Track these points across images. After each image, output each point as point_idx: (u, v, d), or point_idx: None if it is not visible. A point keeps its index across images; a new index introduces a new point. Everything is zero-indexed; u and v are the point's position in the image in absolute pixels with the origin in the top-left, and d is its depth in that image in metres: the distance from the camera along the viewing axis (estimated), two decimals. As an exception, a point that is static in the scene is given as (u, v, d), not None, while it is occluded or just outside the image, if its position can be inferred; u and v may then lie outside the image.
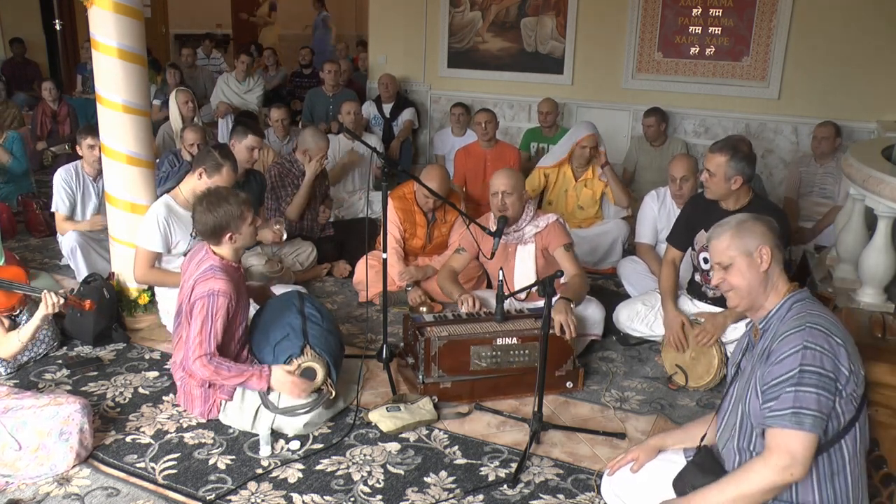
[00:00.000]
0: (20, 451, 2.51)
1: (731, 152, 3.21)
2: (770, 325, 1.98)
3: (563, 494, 2.58)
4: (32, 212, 5.29)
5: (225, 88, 7.39)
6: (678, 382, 3.33)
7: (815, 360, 1.80)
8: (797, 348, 1.82)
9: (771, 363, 1.86)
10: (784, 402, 1.80)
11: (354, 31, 12.57)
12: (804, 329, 1.84)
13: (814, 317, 1.88)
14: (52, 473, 2.55)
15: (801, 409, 1.78)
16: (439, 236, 4.36)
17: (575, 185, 4.95)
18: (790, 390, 1.80)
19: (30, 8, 10.28)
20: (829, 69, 5.73)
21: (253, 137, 4.26)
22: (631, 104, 6.46)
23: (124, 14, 3.46)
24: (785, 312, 1.95)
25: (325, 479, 2.63)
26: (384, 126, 6.90)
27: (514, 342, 3.16)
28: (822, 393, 1.78)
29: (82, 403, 2.64)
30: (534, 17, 6.74)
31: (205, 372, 2.77)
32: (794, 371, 1.80)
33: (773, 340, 1.90)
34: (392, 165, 3.27)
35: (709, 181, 3.28)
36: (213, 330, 2.76)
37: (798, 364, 1.80)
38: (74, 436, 2.57)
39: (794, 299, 1.97)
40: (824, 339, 1.82)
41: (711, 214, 3.35)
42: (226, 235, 2.88)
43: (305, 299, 3.17)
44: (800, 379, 1.79)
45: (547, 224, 3.59)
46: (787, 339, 1.85)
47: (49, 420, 2.55)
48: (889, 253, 3.29)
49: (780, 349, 1.85)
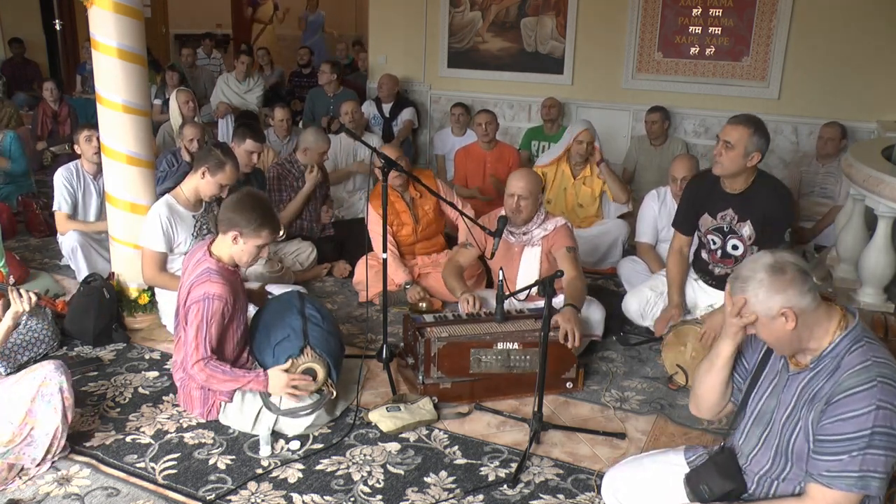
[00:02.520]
0: (12, 426, 2.52)
1: (755, 126, 3.06)
2: (823, 365, 1.81)
3: (563, 494, 2.58)
4: (32, 212, 5.29)
5: (225, 88, 7.39)
6: (679, 382, 3.32)
7: (888, 421, 1.69)
8: (870, 409, 1.69)
9: (835, 416, 1.73)
10: (849, 464, 1.70)
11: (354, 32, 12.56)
12: (876, 386, 1.70)
13: (881, 367, 1.73)
14: (46, 441, 2.55)
15: (868, 473, 1.70)
16: (424, 214, 4.36)
17: (573, 182, 4.95)
18: (857, 454, 1.70)
19: (30, 8, 10.28)
20: (829, 69, 5.73)
21: (252, 142, 4.26)
22: (631, 104, 6.46)
23: (124, 14, 3.46)
24: (842, 353, 1.78)
25: (325, 479, 2.63)
26: (384, 126, 6.90)
27: (515, 347, 3.15)
28: (889, 454, 1.70)
29: (56, 364, 2.62)
30: (534, 17, 6.74)
31: (200, 375, 2.77)
32: (866, 433, 1.69)
33: (835, 385, 1.76)
34: (392, 165, 3.26)
35: (724, 155, 3.08)
36: (207, 334, 2.75)
37: (870, 426, 1.69)
38: (56, 396, 2.55)
39: (853, 338, 1.79)
40: (893, 394, 1.71)
41: (715, 195, 3.28)
42: (232, 233, 2.83)
43: (306, 300, 3.17)
44: (870, 442, 1.69)
45: (555, 227, 3.59)
46: (857, 395, 1.71)
47: (28, 386, 2.55)
48: (889, 253, 3.30)
49: (850, 405, 1.72)
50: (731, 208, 3.25)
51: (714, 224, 3.32)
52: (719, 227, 3.30)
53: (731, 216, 3.26)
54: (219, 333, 2.79)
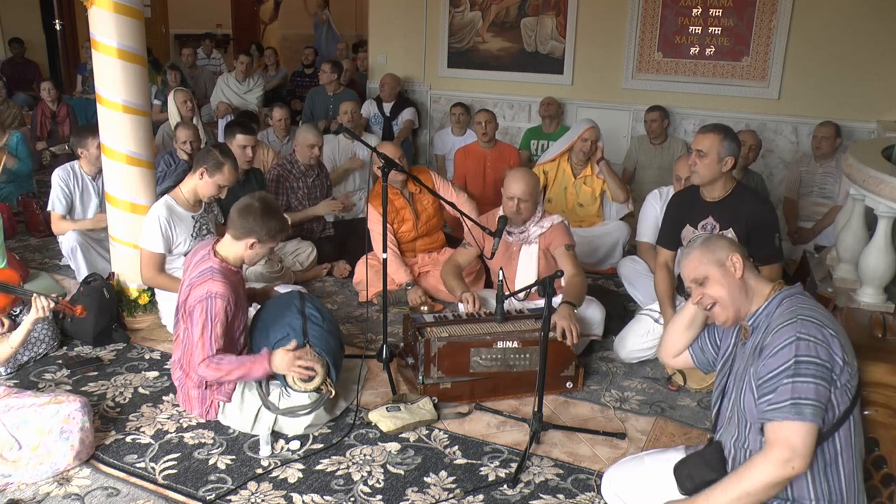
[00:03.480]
0: (21, 450, 2.51)
1: (724, 132, 3.19)
2: (759, 322, 1.98)
3: (563, 494, 2.58)
4: (32, 212, 5.29)
5: (225, 88, 7.39)
6: (678, 383, 3.32)
7: (811, 351, 1.80)
8: (791, 339, 1.82)
9: (765, 357, 1.86)
10: (782, 394, 1.79)
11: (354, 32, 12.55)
12: (796, 321, 1.84)
13: (805, 309, 1.88)
14: (52, 472, 2.55)
15: (799, 400, 1.77)
16: (424, 209, 4.36)
17: (574, 182, 4.95)
18: (787, 382, 1.79)
19: (30, 8, 10.27)
20: (829, 69, 5.73)
21: (242, 136, 4.27)
22: (631, 104, 6.46)
23: (124, 14, 3.46)
24: (774, 308, 1.96)
25: (325, 479, 2.63)
26: (384, 126, 6.90)
27: (515, 346, 3.15)
28: (819, 382, 1.78)
29: (82, 402, 2.64)
30: (534, 17, 6.74)
31: (210, 374, 2.77)
32: (790, 362, 1.80)
33: (766, 335, 1.90)
34: (392, 165, 3.26)
35: (699, 163, 3.22)
36: (213, 333, 2.75)
37: (793, 355, 1.80)
38: (75, 434, 2.57)
39: (783, 295, 1.98)
40: (817, 329, 1.82)
41: (695, 207, 3.36)
42: (249, 239, 2.87)
43: (307, 299, 3.17)
44: (796, 370, 1.79)
45: (551, 225, 3.59)
46: (779, 331, 1.85)
47: (50, 419, 2.55)
48: (889, 253, 3.29)
49: (774, 342, 1.85)
50: (712, 216, 3.30)
51: (695, 235, 3.34)
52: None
53: (711, 224, 3.31)
54: (224, 332, 2.80)
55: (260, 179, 4.48)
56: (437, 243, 4.48)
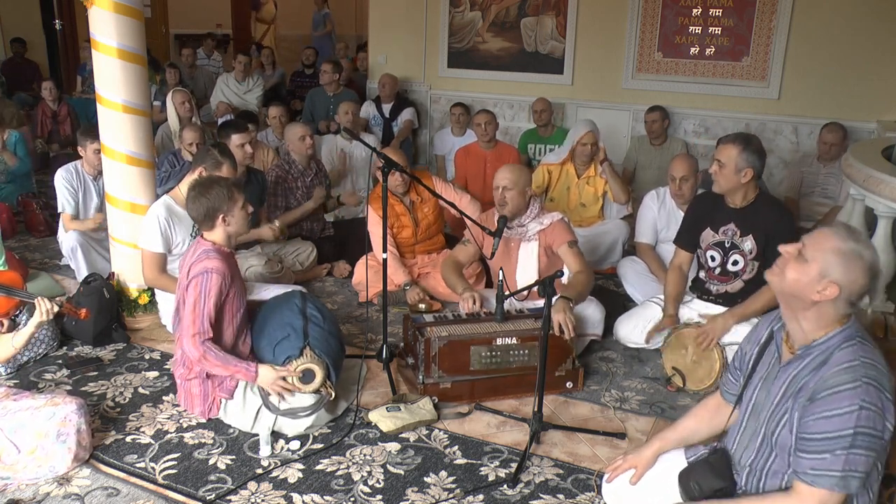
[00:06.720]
0: (19, 454, 2.50)
1: (744, 144, 3.19)
2: (811, 354, 1.82)
3: (563, 494, 2.58)
4: (32, 212, 5.29)
5: (224, 88, 7.39)
6: (676, 384, 3.32)
7: (870, 422, 1.70)
8: (854, 409, 1.70)
9: (818, 414, 1.74)
10: (833, 463, 1.71)
11: (354, 32, 12.55)
12: (861, 386, 1.71)
13: (868, 368, 1.74)
14: (51, 475, 2.55)
15: (850, 473, 1.71)
16: (424, 217, 4.36)
17: (577, 182, 4.95)
18: (841, 453, 1.71)
19: (30, 8, 10.26)
20: (829, 69, 5.73)
21: (237, 135, 4.26)
22: (631, 104, 6.45)
23: (124, 14, 3.46)
24: (833, 348, 1.79)
25: (325, 479, 2.63)
26: (384, 126, 6.90)
27: (514, 342, 3.16)
28: (871, 454, 1.71)
29: (79, 404, 2.63)
30: (534, 17, 6.74)
31: (194, 352, 2.76)
32: (849, 433, 1.70)
33: (820, 379, 1.77)
34: (391, 165, 3.26)
35: (718, 173, 3.23)
36: (206, 308, 2.76)
37: (854, 425, 1.70)
38: (72, 437, 2.56)
39: (846, 335, 1.79)
40: (878, 395, 1.71)
41: (718, 211, 3.35)
42: (219, 218, 2.90)
43: (308, 300, 3.17)
44: (853, 441, 1.70)
45: (551, 222, 3.58)
46: (841, 394, 1.72)
47: (46, 421, 2.54)
48: (889, 253, 3.30)
49: (833, 404, 1.72)
50: (734, 222, 3.30)
51: (715, 239, 3.35)
52: (720, 241, 3.34)
53: (732, 230, 3.31)
54: (216, 309, 2.80)
55: (262, 180, 4.47)
56: (436, 245, 4.48)
